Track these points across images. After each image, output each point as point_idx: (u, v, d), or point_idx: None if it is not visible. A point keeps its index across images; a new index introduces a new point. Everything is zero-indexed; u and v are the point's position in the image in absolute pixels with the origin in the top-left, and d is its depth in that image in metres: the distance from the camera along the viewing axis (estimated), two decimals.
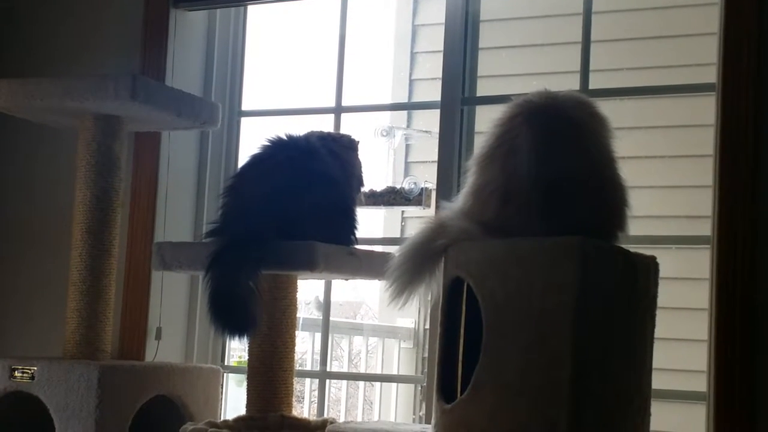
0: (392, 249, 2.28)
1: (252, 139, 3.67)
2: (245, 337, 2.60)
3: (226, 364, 3.57)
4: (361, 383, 5.63)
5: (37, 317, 3.51)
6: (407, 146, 5.63)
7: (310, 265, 2.57)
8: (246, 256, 2.54)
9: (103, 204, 3.01)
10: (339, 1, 3.48)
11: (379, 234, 5.21)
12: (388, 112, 5.69)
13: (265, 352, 2.71)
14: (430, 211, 3.88)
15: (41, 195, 3.57)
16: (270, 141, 2.74)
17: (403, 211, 5.33)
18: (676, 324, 3.96)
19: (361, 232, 2.85)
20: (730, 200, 2.64)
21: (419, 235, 2.21)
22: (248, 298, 2.53)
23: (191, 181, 3.50)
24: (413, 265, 2.19)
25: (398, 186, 4.10)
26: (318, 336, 4.39)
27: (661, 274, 2.19)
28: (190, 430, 2.61)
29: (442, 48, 3.22)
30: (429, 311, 3.25)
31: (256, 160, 2.73)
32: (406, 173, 5.52)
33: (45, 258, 3.52)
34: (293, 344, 2.76)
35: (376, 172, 5.50)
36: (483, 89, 3.29)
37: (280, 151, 2.72)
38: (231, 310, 2.54)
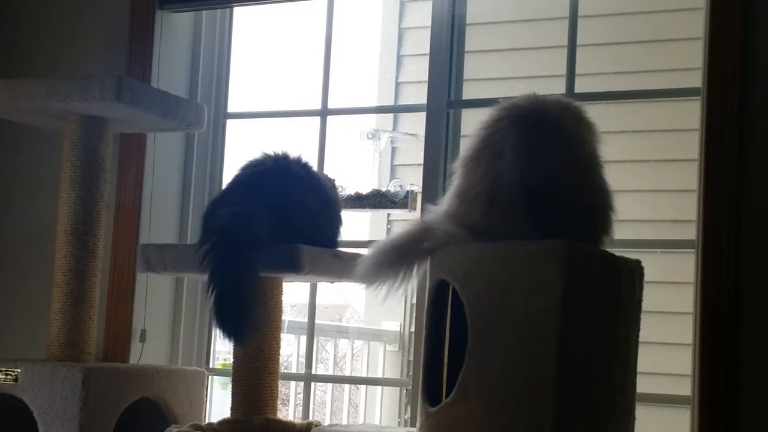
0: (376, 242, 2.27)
1: (238, 142, 3.67)
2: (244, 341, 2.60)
3: (210, 366, 3.56)
4: (347, 386, 5.63)
5: (20, 319, 3.50)
6: (393, 149, 5.64)
7: (295, 268, 2.56)
8: (246, 258, 2.54)
9: (88, 206, 3.00)
10: (325, 4, 3.48)
11: (364, 237, 5.20)
12: (374, 115, 5.71)
13: (250, 354, 2.71)
14: (415, 214, 3.89)
15: (25, 196, 3.56)
16: (264, 153, 2.78)
17: (388, 214, 5.34)
18: (660, 328, 3.97)
19: (346, 235, 2.85)
20: (715, 204, 2.65)
21: (404, 235, 2.21)
22: (255, 301, 2.54)
23: (176, 183, 3.49)
24: (391, 257, 2.17)
25: (384, 189, 4.11)
26: (303, 339, 4.39)
27: (646, 277, 2.19)
28: None
29: (428, 51, 3.22)
30: (414, 314, 3.25)
31: (254, 164, 2.76)
32: (392, 176, 5.53)
33: (29, 260, 3.51)
34: (278, 347, 2.76)
35: (362, 175, 5.52)
36: (469, 92, 3.29)
37: (276, 159, 2.76)
38: (238, 315, 2.53)
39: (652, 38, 4.74)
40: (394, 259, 2.18)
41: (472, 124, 2.26)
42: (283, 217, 2.64)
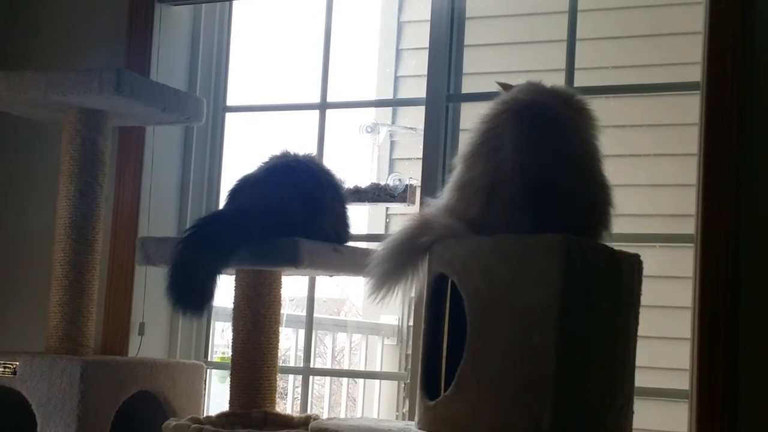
0: (376, 245, 2.28)
1: (237, 135, 3.66)
2: (194, 314, 2.60)
3: (209, 359, 3.56)
4: (345, 380, 5.64)
5: (19, 312, 3.50)
6: (392, 143, 5.64)
7: (295, 261, 2.56)
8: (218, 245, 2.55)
9: (87, 199, 3.00)
10: None
11: (363, 230, 5.20)
12: (373, 109, 5.71)
13: (249, 348, 2.71)
14: (414, 208, 3.88)
15: (24, 189, 3.55)
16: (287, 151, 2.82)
17: (387, 208, 5.34)
18: (659, 322, 3.97)
19: None
20: (714, 199, 2.65)
21: (403, 232, 2.21)
22: (207, 279, 2.54)
23: (175, 176, 3.49)
24: (395, 261, 2.19)
25: (383, 183, 4.10)
26: (301, 332, 4.39)
27: (645, 272, 2.19)
28: (173, 426, 2.60)
29: (427, 45, 3.22)
30: (413, 308, 3.25)
31: (272, 164, 2.78)
32: (391, 170, 5.53)
33: (28, 252, 3.50)
34: (277, 340, 2.76)
35: (361, 168, 5.52)
36: (468, 86, 3.29)
37: (291, 158, 2.79)
38: (187, 286, 2.55)
39: (651, 32, 4.74)
40: (398, 263, 2.19)
41: (472, 117, 2.26)
42: (311, 214, 2.66)
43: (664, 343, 4.05)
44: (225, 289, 2.70)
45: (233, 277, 2.76)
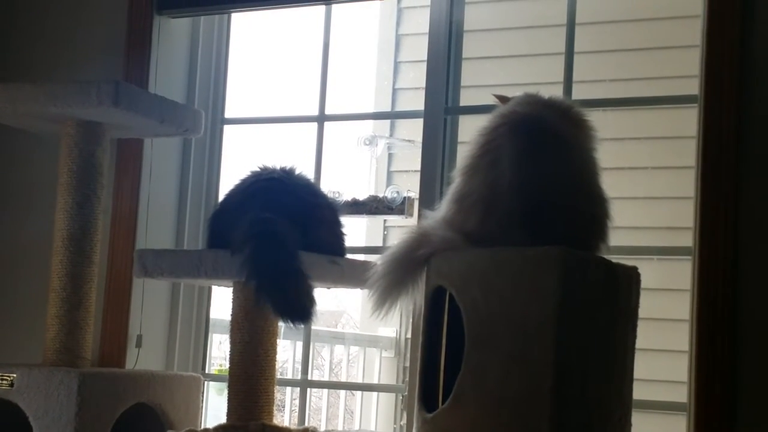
0: (374, 258, 2.28)
1: (235, 147, 3.66)
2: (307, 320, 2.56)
3: (206, 372, 3.56)
4: (342, 392, 5.63)
5: (17, 324, 3.49)
6: (390, 155, 5.64)
7: None
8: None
9: (85, 211, 3.00)
10: (323, 10, 3.48)
11: (361, 243, 5.20)
12: (371, 121, 5.71)
13: (247, 360, 2.70)
14: (412, 221, 3.89)
15: (22, 201, 3.55)
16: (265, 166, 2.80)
17: (385, 220, 5.34)
18: (657, 335, 3.97)
19: None
20: (712, 211, 2.65)
21: (402, 245, 2.21)
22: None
23: (173, 188, 3.49)
24: (396, 275, 2.19)
25: (381, 195, 4.10)
26: (299, 344, 4.38)
27: (643, 284, 2.19)
28: None
29: (425, 57, 3.23)
30: (411, 320, 3.25)
31: (262, 174, 2.76)
32: (389, 182, 5.53)
33: (25, 264, 3.50)
34: (275, 353, 2.76)
35: (359, 181, 5.52)
36: (466, 99, 3.29)
37: (284, 171, 2.78)
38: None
39: (649, 46, 4.75)
40: (398, 277, 2.19)
41: (470, 130, 2.26)
42: (305, 228, 2.65)
43: (662, 355, 4.05)
44: (222, 302, 2.70)
45: (231, 289, 2.76)
